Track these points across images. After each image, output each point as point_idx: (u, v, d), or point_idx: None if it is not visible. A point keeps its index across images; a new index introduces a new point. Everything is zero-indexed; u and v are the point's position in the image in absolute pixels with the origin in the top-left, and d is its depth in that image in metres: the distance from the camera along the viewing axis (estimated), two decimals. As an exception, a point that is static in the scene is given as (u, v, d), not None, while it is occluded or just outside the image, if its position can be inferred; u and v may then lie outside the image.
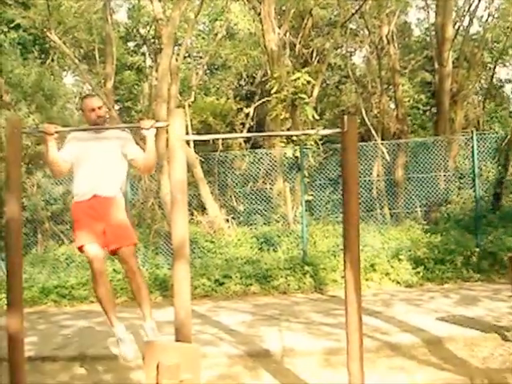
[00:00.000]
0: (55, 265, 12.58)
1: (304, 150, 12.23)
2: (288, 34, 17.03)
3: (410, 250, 11.43)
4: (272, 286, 10.94)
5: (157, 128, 4.57)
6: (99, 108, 4.77)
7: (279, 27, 15.31)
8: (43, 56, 19.85)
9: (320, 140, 12.98)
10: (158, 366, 3.20)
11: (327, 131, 4.94)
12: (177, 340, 3.74)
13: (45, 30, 17.08)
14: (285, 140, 12.82)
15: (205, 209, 13.74)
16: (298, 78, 12.23)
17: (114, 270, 11.46)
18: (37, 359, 6.89)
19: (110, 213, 4.58)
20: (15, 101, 15.76)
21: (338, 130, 4.21)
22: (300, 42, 18.14)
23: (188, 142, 13.34)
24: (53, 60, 20.12)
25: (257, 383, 5.81)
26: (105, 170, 4.70)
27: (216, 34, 19.85)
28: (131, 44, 24.62)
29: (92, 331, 8.49)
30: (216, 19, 21.86)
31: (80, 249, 4.75)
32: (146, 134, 4.49)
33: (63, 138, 5.09)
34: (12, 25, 18.25)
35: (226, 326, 8.13)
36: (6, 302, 10.66)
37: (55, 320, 9.64)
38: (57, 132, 4.64)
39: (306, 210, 12.19)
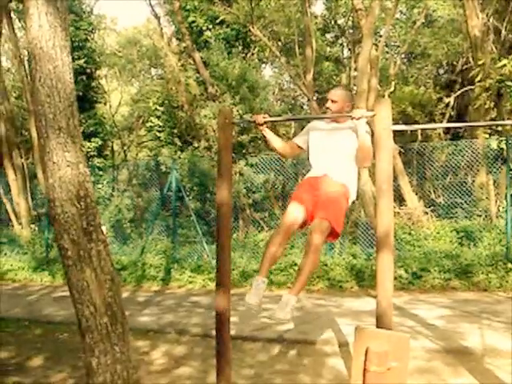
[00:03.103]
0: (255, 250, 13.12)
1: (510, 141, 11.60)
2: (492, 18, 16.16)
3: None
4: (472, 282, 10.59)
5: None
6: (332, 101, 4.76)
7: (482, 11, 14.60)
8: (244, 50, 20.64)
9: (528, 130, 12.26)
10: (366, 352, 3.23)
11: (542, 121, 4.64)
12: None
13: (247, 24, 17.82)
14: (489, 130, 12.26)
15: (403, 200, 13.55)
16: (505, 65, 11.62)
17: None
18: (238, 338, 7.28)
19: (329, 191, 4.62)
20: (220, 93, 16.60)
21: (555, 119, 3.95)
22: (505, 27, 17.13)
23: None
24: (253, 54, 20.86)
25: (456, 380, 5.64)
26: (335, 159, 4.72)
27: (414, 22, 19.39)
28: (329, 35, 24.76)
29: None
30: (414, 6, 21.32)
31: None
32: (356, 123, 4.50)
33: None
34: (217, 21, 19.19)
35: (424, 319, 8.02)
36: (208, 284, 11.47)
37: (254, 303, 10.06)
38: (265, 122, 4.82)
39: (511, 205, 11.54)
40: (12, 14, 18.65)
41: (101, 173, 17.80)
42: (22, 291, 12.50)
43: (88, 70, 19.99)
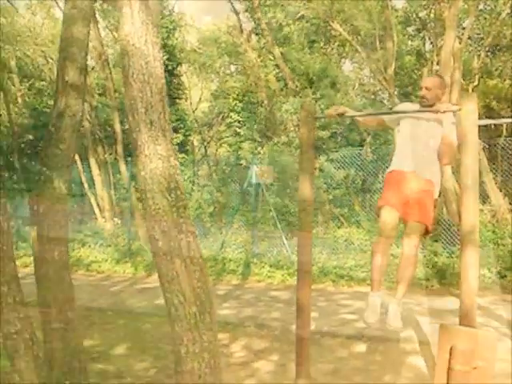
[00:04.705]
0: (334, 246, 13.07)
1: None
2: None
3: None
4: (560, 282, 10.21)
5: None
6: (426, 88, 4.66)
7: None
8: (325, 45, 20.54)
9: None
10: (451, 351, 3.17)
11: None
12: (461, 328, 3.68)
13: (327, 19, 17.74)
14: None
15: (487, 197, 13.19)
16: None
17: (392, 254, 11.57)
18: (316, 334, 7.26)
19: (417, 191, 4.58)
20: (300, 88, 16.61)
21: None
22: None
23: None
24: (332, 48, 20.74)
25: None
26: (424, 153, 4.65)
27: (499, 13, 18.79)
28: (410, 28, 24.29)
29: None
30: (499, -4, 20.67)
31: (379, 208, 4.76)
32: (442, 119, 4.43)
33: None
34: (297, 16, 19.21)
35: (509, 320, 7.78)
36: (287, 279, 11.51)
37: (334, 299, 10.06)
38: (342, 114, 4.79)
39: None
40: (97, 14, 19.22)
41: (182, 168, 18.12)
42: (105, 282, 12.88)
43: (170, 67, 20.37)
